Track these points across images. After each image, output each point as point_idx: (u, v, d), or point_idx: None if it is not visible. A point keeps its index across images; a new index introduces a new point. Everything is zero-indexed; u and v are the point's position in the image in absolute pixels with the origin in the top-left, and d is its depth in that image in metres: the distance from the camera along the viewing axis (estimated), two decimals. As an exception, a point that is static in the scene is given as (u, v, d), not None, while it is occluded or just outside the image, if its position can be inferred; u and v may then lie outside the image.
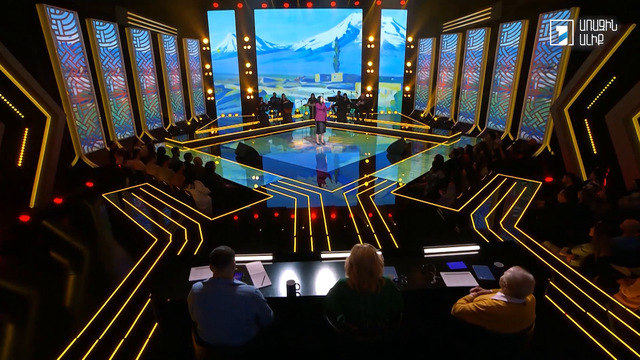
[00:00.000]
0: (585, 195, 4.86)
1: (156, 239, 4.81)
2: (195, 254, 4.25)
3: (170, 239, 4.85)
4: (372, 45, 16.04)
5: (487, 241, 4.00)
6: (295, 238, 4.84)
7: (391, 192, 6.71)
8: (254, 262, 3.03)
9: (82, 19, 8.62)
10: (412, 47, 16.18)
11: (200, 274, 2.85)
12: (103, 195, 6.51)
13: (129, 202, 6.25)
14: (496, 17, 11.37)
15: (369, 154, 10.57)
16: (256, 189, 7.04)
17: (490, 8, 11.66)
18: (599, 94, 7.27)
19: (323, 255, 3.12)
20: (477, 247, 3.30)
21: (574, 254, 4.24)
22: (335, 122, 14.17)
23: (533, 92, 9.99)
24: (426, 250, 3.24)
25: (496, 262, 2.91)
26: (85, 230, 5.72)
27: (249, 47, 15.49)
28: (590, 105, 7.46)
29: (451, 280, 2.85)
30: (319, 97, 10.97)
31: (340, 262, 3.09)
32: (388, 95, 16.66)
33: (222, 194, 6.48)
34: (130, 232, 5.25)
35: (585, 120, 7.62)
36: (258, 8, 15.11)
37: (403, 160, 9.19)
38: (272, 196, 6.51)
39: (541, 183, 7.23)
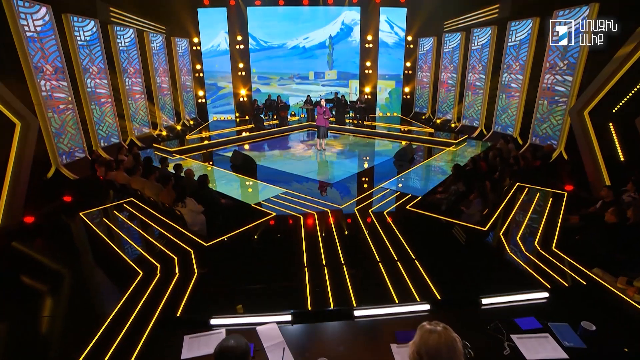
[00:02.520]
0: (638, 213, 4.26)
1: (141, 272, 4.04)
2: (183, 307, 3.34)
3: (158, 271, 4.09)
4: (371, 45, 15.44)
5: (548, 285, 3.22)
6: (306, 269, 4.13)
7: (407, 207, 6.04)
8: (268, 324, 2.31)
9: (58, 14, 7.75)
10: (411, 46, 15.64)
11: (197, 347, 2.12)
12: (81, 214, 5.71)
13: (110, 222, 5.46)
14: (504, 14, 10.82)
15: (368, 158, 9.92)
16: (255, 204, 6.30)
17: (497, 5, 11.12)
18: (627, 96, 6.72)
19: (357, 313, 2.41)
20: (545, 295, 2.63)
21: (637, 286, 3.61)
22: (334, 126, 13.50)
23: (546, 93, 9.45)
24: (484, 301, 2.56)
25: (584, 322, 2.25)
26: (57, 258, 4.89)
27: (241, 46, 14.74)
28: (616, 109, 6.92)
29: (529, 348, 2.17)
30: (320, 99, 10.24)
31: (379, 319, 2.40)
32: (382, 92, 16.26)
33: (217, 211, 5.73)
34: (111, 261, 4.46)
35: (610, 124, 7.07)
36: (251, 5, 14.40)
37: (412, 168, 8.53)
38: (274, 214, 5.78)
39: (566, 194, 6.66)
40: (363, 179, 8.10)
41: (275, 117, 14.49)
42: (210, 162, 9.72)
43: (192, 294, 3.66)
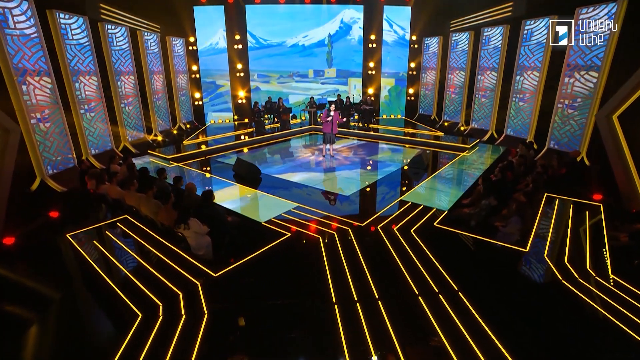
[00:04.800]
0: None
1: (140, 315, 3.40)
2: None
3: (160, 312, 3.45)
4: (374, 45, 14.90)
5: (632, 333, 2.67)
6: (335, 305, 3.53)
7: (434, 224, 5.46)
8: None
9: (42, 10, 7.04)
10: (415, 46, 15.13)
11: None
12: (67, 235, 5.02)
13: (101, 246, 4.78)
14: (519, 12, 10.33)
15: (378, 165, 9.31)
16: (266, 222, 5.65)
17: (511, 3, 10.62)
18: (665, 100, 6.24)
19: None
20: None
21: None
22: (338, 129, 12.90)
23: (566, 96, 8.96)
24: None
25: None
26: (37, 293, 4.22)
27: (240, 46, 14.08)
28: (652, 113, 6.44)
29: None
30: (330, 104, 9.60)
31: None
32: (382, 90, 15.93)
33: (224, 231, 5.09)
34: (103, 297, 3.81)
35: (645, 130, 6.59)
36: (250, 3, 13.77)
37: (430, 177, 7.93)
38: (289, 234, 5.14)
39: (601, 206, 6.15)
40: (379, 189, 7.47)
41: (276, 120, 13.85)
42: (208, 168, 9.08)
43: (203, 341, 3.05)
